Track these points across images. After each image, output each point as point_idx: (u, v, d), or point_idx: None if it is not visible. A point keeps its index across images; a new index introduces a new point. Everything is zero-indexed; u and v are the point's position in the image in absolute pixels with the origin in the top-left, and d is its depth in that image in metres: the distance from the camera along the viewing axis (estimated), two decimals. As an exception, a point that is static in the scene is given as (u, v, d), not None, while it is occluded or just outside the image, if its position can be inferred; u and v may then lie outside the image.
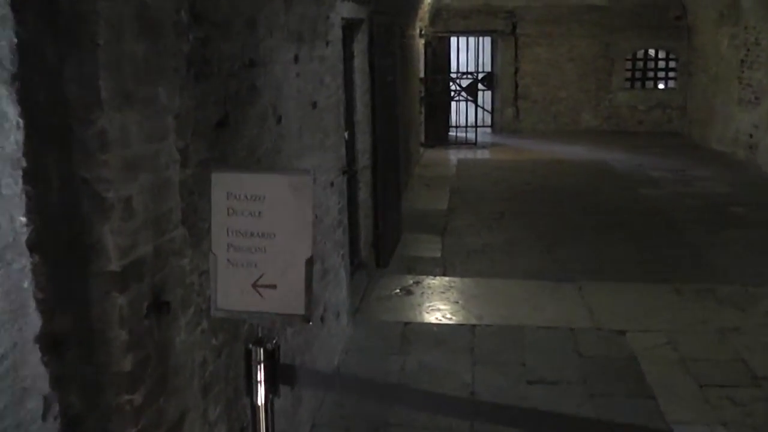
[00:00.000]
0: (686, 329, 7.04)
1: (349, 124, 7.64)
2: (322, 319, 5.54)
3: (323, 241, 5.60)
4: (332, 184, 5.91)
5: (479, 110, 19.29)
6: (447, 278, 8.35)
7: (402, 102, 11.38)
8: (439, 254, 9.22)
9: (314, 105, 5.25)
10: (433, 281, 8.25)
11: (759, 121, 14.68)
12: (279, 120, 4.32)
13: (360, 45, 7.82)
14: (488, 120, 20.33)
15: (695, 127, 18.68)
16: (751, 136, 15.06)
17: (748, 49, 15.22)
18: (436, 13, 18.84)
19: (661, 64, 20.10)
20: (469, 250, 9.39)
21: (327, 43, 5.68)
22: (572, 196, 12.53)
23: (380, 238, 8.37)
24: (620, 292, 8.02)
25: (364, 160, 8.01)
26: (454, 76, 19.08)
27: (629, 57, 19.87)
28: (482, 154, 16.94)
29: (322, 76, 5.53)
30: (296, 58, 4.74)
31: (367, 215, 8.17)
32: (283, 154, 4.44)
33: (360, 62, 7.83)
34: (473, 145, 17.65)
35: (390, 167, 8.94)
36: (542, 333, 6.94)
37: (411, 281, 8.21)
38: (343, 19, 6.64)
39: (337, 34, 6.11)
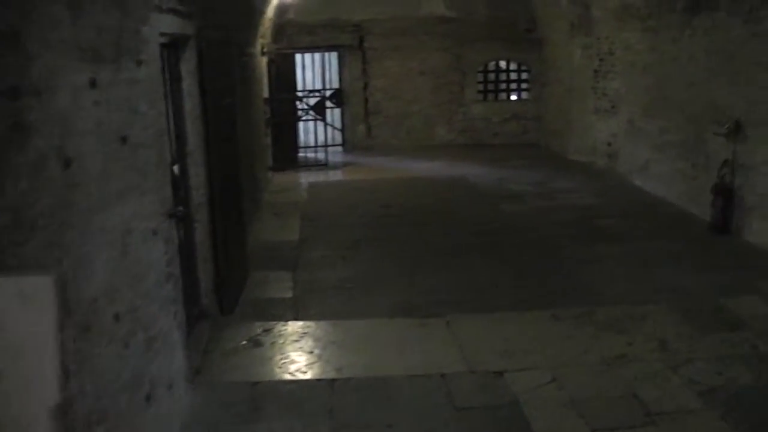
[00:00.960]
0: (570, 362, 6.45)
1: (181, 157, 6.67)
2: (148, 398, 4.55)
3: (147, 304, 4.61)
4: (155, 233, 4.92)
5: (329, 128, 18.51)
6: (300, 323, 7.41)
7: (244, 126, 10.44)
8: (290, 294, 8.27)
9: (124, 140, 4.27)
10: (285, 328, 7.29)
11: (617, 130, 14.49)
12: (67, 164, 3.34)
13: (188, 65, 6.84)
14: (339, 138, 19.54)
15: (552, 137, 18.47)
16: (609, 144, 14.86)
17: (602, 59, 15.03)
18: (279, 29, 17.94)
19: (514, 75, 19.86)
20: (324, 287, 8.49)
21: (139, 63, 4.69)
22: (433, 217, 11.83)
23: (223, 282, 7.38)
24: (493, 325, 7.36)
25: (199, 196, 7.03)
26: (301, 94, 18.19)
27: (481, 69, 19.50)
28: (335, 176, 16.07)
29: (134, 103, 4.55)
30: (93, 83, 3.76)
31: (207, 258, 7.18)
32: (78, 209, 3.46)
33: (189, 85, 6.85)
34: (324, 166, 16.77)
35: (231, 200, 7.98)
36: (410, 383, 6.13)
37: (260, 329, 7.22)
38: (163, 35, 5.68)
39: (153, 51, 5.13)
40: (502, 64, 19.81)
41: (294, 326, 7.33)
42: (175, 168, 6.50)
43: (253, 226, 10.80)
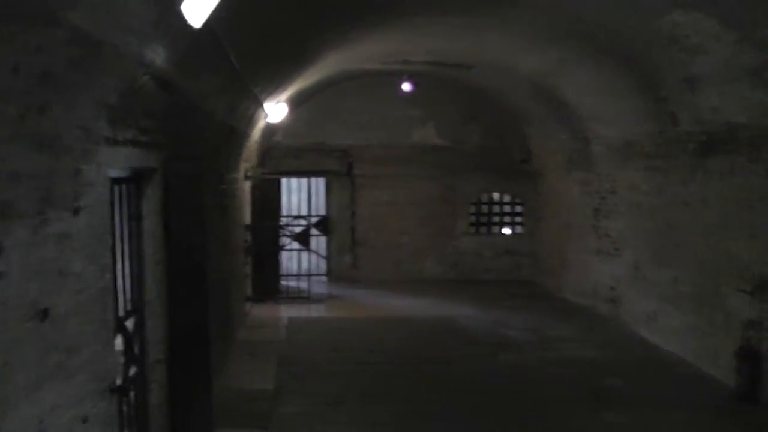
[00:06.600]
0: None
1: (137, 308, 5.71)
2: None
3: None
4: (85, 420, 3.91)
5: (314, 256, 17.58)
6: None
7: (218, 259, 9.50)
8: (260, 465, 7.17)
9: (44, 314, 3.33)
10: None
11: (621, 275, 13.38)
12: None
13: (151, 202, 5.95)
14: (323, 266, 18.59)
15: (547, 276, 17.50)
16: (612, 289, 13.70)
17: (603, 198, 14.12)
18: (265, 152, 17.23)
19: (508, 208, 19.12)
20: (300, 456, 7.38)
21: (77, 211, 3.79)
22: (424, 367, 10.64)
23: (180, 455, 6.30)
24: None
25: (157, 352, 6.02)
26: (285, 221, 17.30)
27: (474, 201, 18.76)
28: (317, 310, 15.01)
29: (64, 263, 3.62)
30: (-2, 248, 2.84)
31: (163, 426, 6.12)
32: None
33: (151, 224, 5.94)
34: (307, 299, 15.72)
35: (197, 352, 6.96)
36: None
37: None
38: (119, 169, 4.80)
39: (99, 193, 4.24)
40: (496, 195, 19.11)
41: None
42: (129, 323, 5.54)
43: (223, 370, 9.74)
